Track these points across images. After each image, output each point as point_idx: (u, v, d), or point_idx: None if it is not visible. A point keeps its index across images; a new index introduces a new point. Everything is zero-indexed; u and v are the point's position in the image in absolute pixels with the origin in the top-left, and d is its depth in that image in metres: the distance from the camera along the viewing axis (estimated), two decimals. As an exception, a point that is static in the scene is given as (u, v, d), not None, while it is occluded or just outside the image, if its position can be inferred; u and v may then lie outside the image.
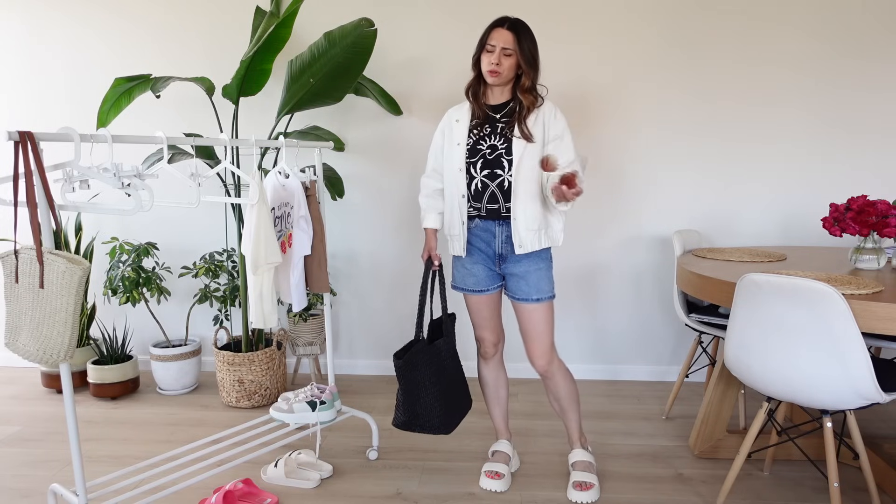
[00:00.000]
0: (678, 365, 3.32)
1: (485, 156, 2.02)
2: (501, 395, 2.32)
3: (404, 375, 2.06)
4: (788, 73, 3.05)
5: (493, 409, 2.33)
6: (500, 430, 2.36)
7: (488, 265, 2.12)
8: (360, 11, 3.14)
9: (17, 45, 3.32)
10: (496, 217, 2.04)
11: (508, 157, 1.99)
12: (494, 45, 1.97)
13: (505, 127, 2.02)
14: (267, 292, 2.15)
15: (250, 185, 2.05)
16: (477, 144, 2.04)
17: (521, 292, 2.08)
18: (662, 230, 3.22)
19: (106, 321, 3.52)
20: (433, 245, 2.21)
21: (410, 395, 2.06)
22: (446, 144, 2.11)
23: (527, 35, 1.98)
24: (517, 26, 1.98)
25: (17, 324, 1.69)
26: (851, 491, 2.18)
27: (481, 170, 2.03)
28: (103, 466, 2.37)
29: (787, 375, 1.77)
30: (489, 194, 2.03)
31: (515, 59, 1.97)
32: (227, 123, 3.27)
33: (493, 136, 2.03)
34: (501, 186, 2.01)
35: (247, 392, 2.94)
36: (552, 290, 2.10)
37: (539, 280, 2.06)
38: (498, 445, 2.34)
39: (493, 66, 1.96)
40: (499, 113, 2.05)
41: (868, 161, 3.09)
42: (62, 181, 1.74)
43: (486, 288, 2.15)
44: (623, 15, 3.06)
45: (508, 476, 2.25)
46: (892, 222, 2.11)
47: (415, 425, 2.08)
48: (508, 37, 1.96)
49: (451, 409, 2.11)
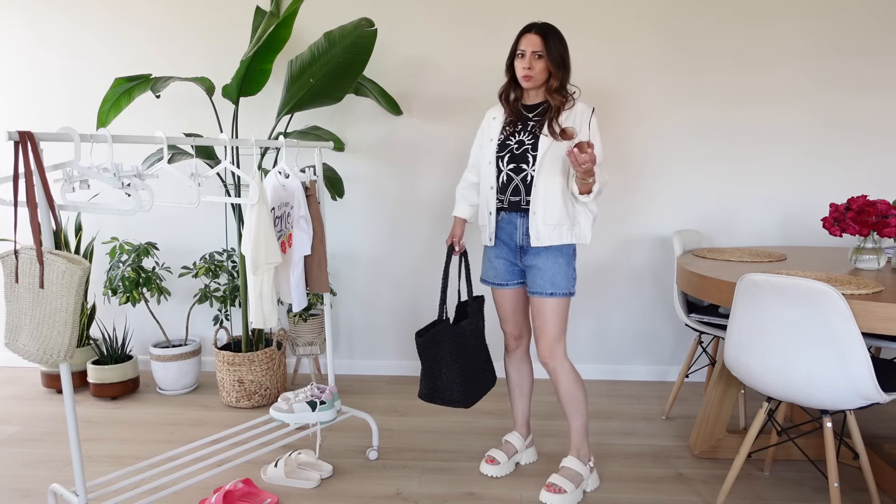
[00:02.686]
0: (678, 365, 3.32)
1: (512, 150, 2.12)
2: (524, 390, 2.37)
3: (425, 352, 2.19)
4: (788, 73, 3.05)
5: (514, 401, 2.40)
6: (515, 421, 2.41)
7: (510, 258, 2.19)
8: (360, 11, 3.14)
9: (17, 45, 3.32)
10: (517, 209, 2.12)
11: (534, 153, 2.08)
12: (524, 49, 2.05)
13: (535, 125, 2.11)
14: (267, 292, 2.15)
15: (250, 185, 2.05)
16: (507, 140, 2.14)
17: (536, 286, 2.12)
18: (662, 230, 3.22)
19: (106, 321, 3.52)
20: (457, 233, 2.33)
21: (431, 370, 2.20)
22: (483, 140, 2.24)
23: (555, 37, 2.05)
24: (545, 30, 2.05)
25: (17, 324, 1.69)
26: (851, 491, 2.18)
27: (508, 163, 2.12)
28: (103, 466, 2.37)
29: (786, 375, 1.77)
30: (513, 187, 2.11)
31: (546, 61, 2.05)
32: (227, 123, 3.27)
33: (522, 133, 2.12)
34: (525, 180, 2.09)
35: (247, 392, 2.94)
36: (569, 287, 2.13)
37: (555, 275, 2.10)
38: (509, 436, 2.39)
39: (525, 71, 2.05)
40: (532, 112, 2.15)
41: (868, 161, 3.09)
42: (62, 181, 1.74)
43: (505, 282, 2.23)
44: (622, 15, 3.06)
45: (507, 465, 2.31)
46: (892, 222, 2.11)
47: (436, 398, 2.22)
48: (537, 41, 2.04)
49: (472, 386, 2.23)
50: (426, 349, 2.19)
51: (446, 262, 2.30)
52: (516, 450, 2.36)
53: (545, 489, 2.12)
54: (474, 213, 2.35)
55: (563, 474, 2.15)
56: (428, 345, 2.18)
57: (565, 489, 2.10)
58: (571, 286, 2.14)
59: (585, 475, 2.17)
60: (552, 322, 2.12)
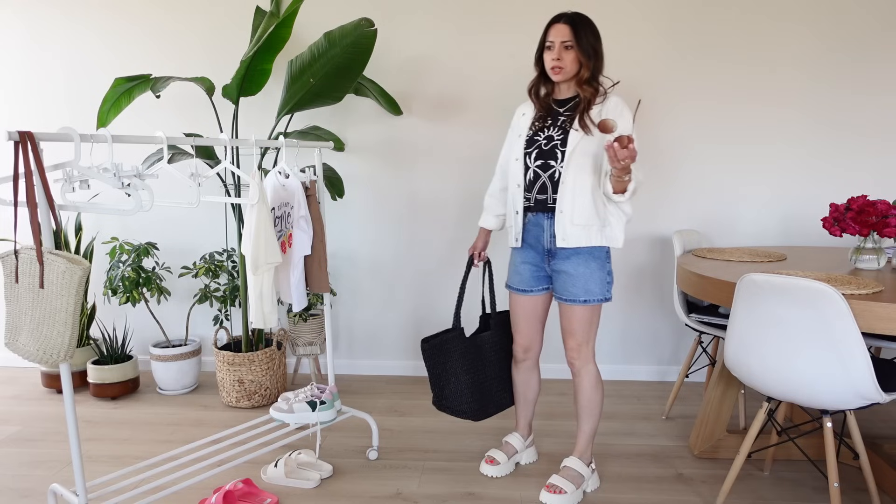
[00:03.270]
0: (678, 365, 3.32)
1: (540, 146, 2.03)
2: (528, 398, 2.33)
3: (429, 359, 2.19)
4: (788, 73, 3.05)
5: (518, 406, 2.36)
6: (518, 423, 2.38)
7: (537, 263, 2.11)
8: (360, 11, 3.14)
9: (17, 45, 3.32)
10: (544, 209, 2.04)
11: (562, 149, 1.99)
12: (553, 41, 1.96)
13: (566, 120, 2.02)
14: (267, 292, 2.15)
15: (250, 185, 2.05)
16: (535, 136, 2.06)
17: (567, 293, 2.03)
18: (662, 230, 3.22)
19: (106, 321, 3.52)
20: (479, 244, 2.30)
21: (438, 378, 2.20)
22: (512, 137, 2.16)
23: (585, 26, 1.96)
24: (574, 19, 1.96)
25: (17, 324, 1.69)
26: (851, 491, 2.18)
27: (535, 160, 2.04)
28: (103, 466, 2.37)
29: (786, 375, 1.77)
30: (540, 185, 2.03)
31: (576, 52, 1.95)
32: (227, 123, 3.27)
33: (552, 128, 2.04)
34: (552, 178, 2.01)
35: (247, 392, 2.94)
36: (604, 292, 2.03)
37: (588, 281, 2.01)
38: (509, 437, 2.37)
39: (554, 63, 1.97)
40: (563, 107, 2.06)
41: (868, 161, 3.09)
42: (62, 181, 1.74)
43: (529, 288, 2.14)
44: (624, 15, 3.06)
45: (507, 465, 2.29)
46: (892, 222, 2.11)
47: (444, 407, 2.22)
48: (566, 30, 1.94)
49: (484, 400, 2.20)
50: (430, 356, 2.17)
51: (466, 271, 2.29)
52: (516, 450, 2.35)
53: (545, 489, 2.11)
54: (500, 223, 2.29)
55: (563, 475, 2.14)
56: (434, 352, 2.16)
57: (565, 490, 2.09)
58: (606, 291, 2.04)
59: (586, 476, 2.16)
60: (582, 327, 2.06)
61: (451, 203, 3.26)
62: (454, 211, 3.27)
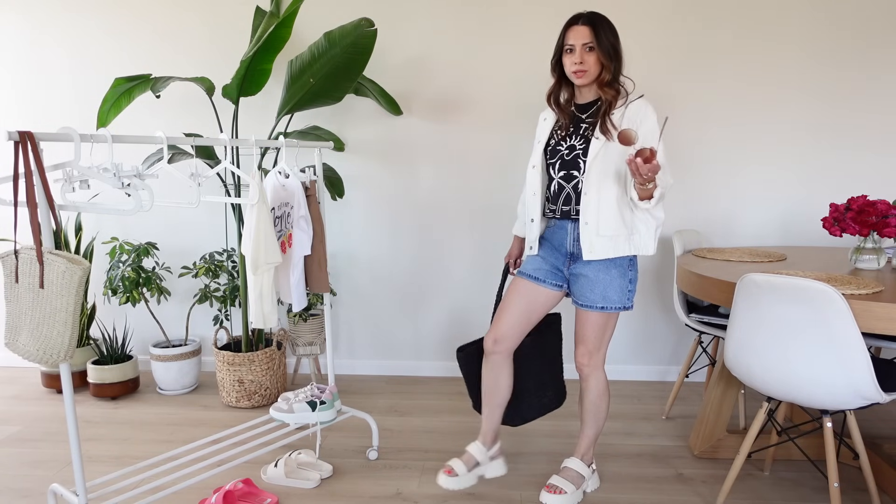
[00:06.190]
0: (678, 365, 3.32)
1: (563, 157, 1.97)
2: (497, 401, 2.13)
3: (464, 367, 2.23)
4: (788, 73, 3.05)
5: (484, 409, 2.16)
6: (482, 430, 2.18)
7: (557, 264, 2.04)
8: (360, 11, 3.14)
9: (17, 44, 3.32)
10: (568, 217, 1.99)
11: (585, 159, 1.91)
12: (573, 44, 1.88)
13: (588, 128, 1.94)
14: (267, 292, 2.14)
15: (250, 185, 2.05)
16: (558, 145, 1.99)
17: (585, 298, 1.97)
18: (662, 230, 3.22)
19: (106, 321, 3.52)
20: (514, 252, 2.29)
21: (473, 385, 2.23)
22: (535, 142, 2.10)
23: (605, 26, 1.88)
24: (593, 19, 1.88)
25: (17, 324, 1.69)
26: (851, 491, 2.18)
27: (559, 170, 1.98)
28: (103, 466, 2.37)
29: (786, 375, 1.77)
30: (564, 196, 1.97)
31: (597, 53, 1.87)
32: (227, 123, 3.27)
33: (574, 137, 1.96)
34: (576, 188, 1.94)
35: (247, 392, 2.94)
36: (623, 301, 1.96)
37: (607, 287, 1.94)
38: (470, 446, 2.18)
39: (576, 67, 1.88)
40: (585, 113, 1.98)
41: (868, 161, 3.09)
42: (62, 181, 1.74)
43: (542, 278, 2.03)
44: (625, 15, 3.06)
45: (466, 477, 2.13)
46: (892, 222, 2.11)
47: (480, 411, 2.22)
48: (586, 32, 1.86)
49: (522, 404, 2.19)
50: (465, 364, 2.21)
51: (502, 280, 2.30)
52: (477, 462, 2.15)
53: (545, 490, 2.10)
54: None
55: (564, 475, 2.13)
56: (468, 360, 2.20)
57: (566, 490, 2.09)
58: (626, 300, 1.96)
59: (587, 476, 2.16)
60: (595, 334, 2.00)
61: (451, 203, 3.26)
62: (454, 211, 3.27)
